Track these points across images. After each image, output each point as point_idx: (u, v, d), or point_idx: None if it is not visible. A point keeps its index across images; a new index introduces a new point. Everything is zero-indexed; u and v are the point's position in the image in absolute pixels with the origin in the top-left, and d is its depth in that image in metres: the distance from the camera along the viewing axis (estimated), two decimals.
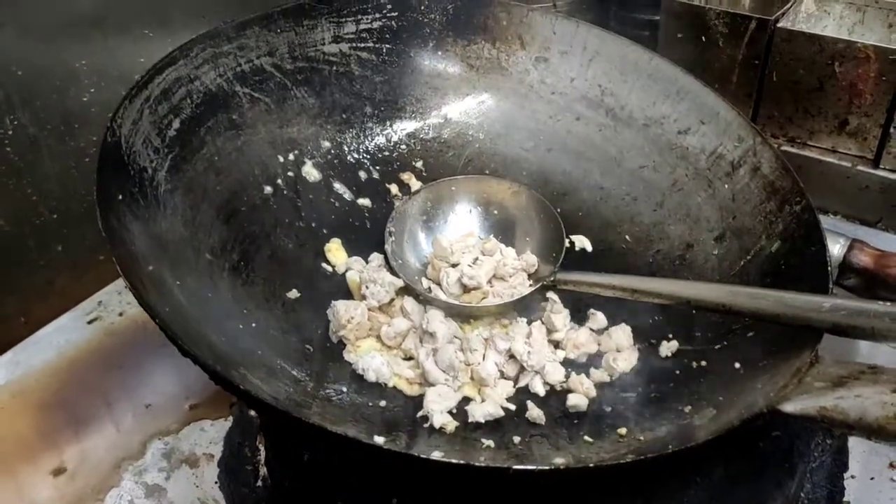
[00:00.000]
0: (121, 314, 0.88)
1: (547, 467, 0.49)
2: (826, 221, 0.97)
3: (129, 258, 0.59)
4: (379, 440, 0.59)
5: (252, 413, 0.78)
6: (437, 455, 0.57)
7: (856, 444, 0.73)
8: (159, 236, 0.66)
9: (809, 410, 0.50)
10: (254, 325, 0.68)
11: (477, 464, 0.49)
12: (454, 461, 0.49)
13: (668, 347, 0.71)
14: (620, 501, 0.60)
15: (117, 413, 0.81)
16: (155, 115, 0.71)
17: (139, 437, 0.79)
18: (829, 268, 0.65)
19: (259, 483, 0.74)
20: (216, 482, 0.75)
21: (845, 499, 0.69)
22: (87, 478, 0.76)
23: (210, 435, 0.79)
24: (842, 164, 0.98)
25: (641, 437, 0.61)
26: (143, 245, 0.63)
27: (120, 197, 0.64)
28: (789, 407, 0.51)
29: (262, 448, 0.76)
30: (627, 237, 0.83)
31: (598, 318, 0.75)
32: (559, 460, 0.58)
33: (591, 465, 0.52)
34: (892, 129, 0.93)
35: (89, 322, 0.88)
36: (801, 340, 0.59)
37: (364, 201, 0.85)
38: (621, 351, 0.72)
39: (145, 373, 0.84)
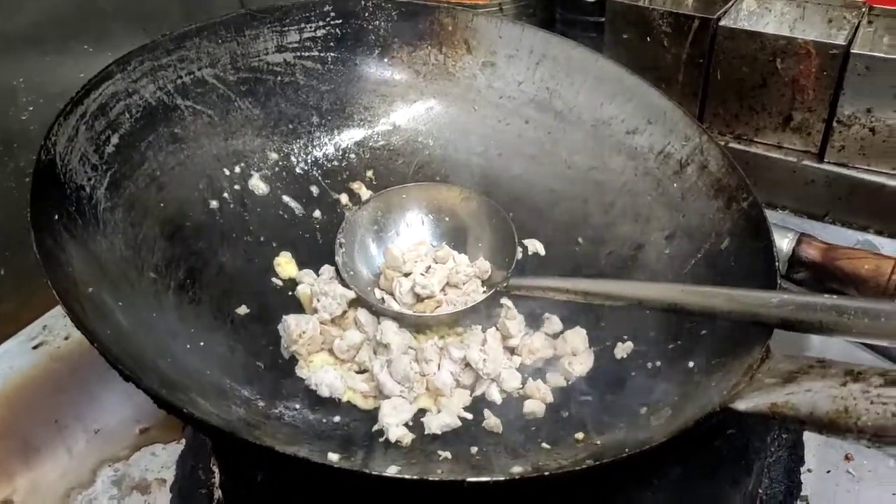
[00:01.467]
0: (66, 338, 0.85)
1: (502, 478, 0.48)
2: (774, 216, 0.98)
3: (66, 281, 0.57)
4: (333, 457, 0.57)
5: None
6: (392, 470, 0.57)
7: (810, 438, 0.73)
8: (99, 256, 0.64)
9: (761, 407, 0.50)
10: (202, 344, 0.66)
11: (432, 478, 0.48)
12: (408, 476, 0.48)
13: (623, 349, 0.71)
14: None
15: (66, 440, 0.78)
16: (92, 132, 0.69)
17: (89, 464, 0.77)
18: (777, 263, 0.65)
19: None
20: None
21: (803, 493, 0.69)
22: None
23: (162, 459, 0.77)
24: (788, 159, 1.00)
25: (598, 441, 0.61)
26: (82, 266, 0.61)
27: (56, 217, 0.62)
28: (742, 405, 0.51)
29: (215, 470, 0.74)
30: (580, 239, 0.83)
31: (553, 322, 0.75)
32: (517, 469, 0.57)
33: (547, 473, 0.51)
34: (834, 124, 0.94)
35: (34, 347, 0.86)
36: (752, 337, 0.59)
37: (314, 213, 0.84)
38: (577, 354, 0.72)
39: (93, 397, 0.81)
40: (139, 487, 0.76)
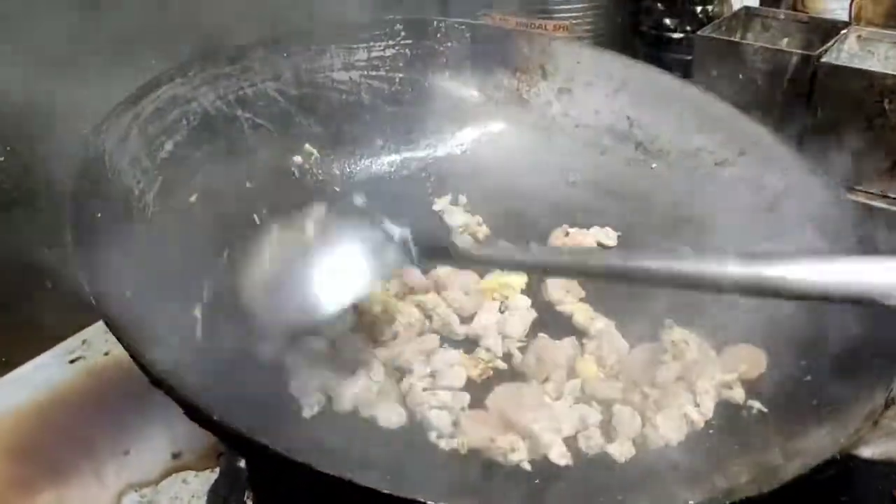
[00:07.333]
0: (106, 353, 0.81)
1: None
2: None
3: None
4: None
5: (241, 464, 0.70)
6: None
7: None
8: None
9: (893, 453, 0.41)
10: None
11: None
12: None
13: None
14: None
15: (93, 460, 0.73)
16: (145, 135, 0.66)
17: (114, 487, 0.71)
18: None
19: None
20: None
21: None
22: None
23: (193, 488, 0.71)
24: (892, 209, 0.90)
25: None
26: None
27: (99, 214, 0.58)
28: (867, 451, 0.42)
29: (249, 503, 0.68)
30: None
31: None
32: None
33: None
34: None
35: (71, 361, 0.82)
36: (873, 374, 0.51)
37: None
38: None
39: (127, 417, 0.76)
40: None
